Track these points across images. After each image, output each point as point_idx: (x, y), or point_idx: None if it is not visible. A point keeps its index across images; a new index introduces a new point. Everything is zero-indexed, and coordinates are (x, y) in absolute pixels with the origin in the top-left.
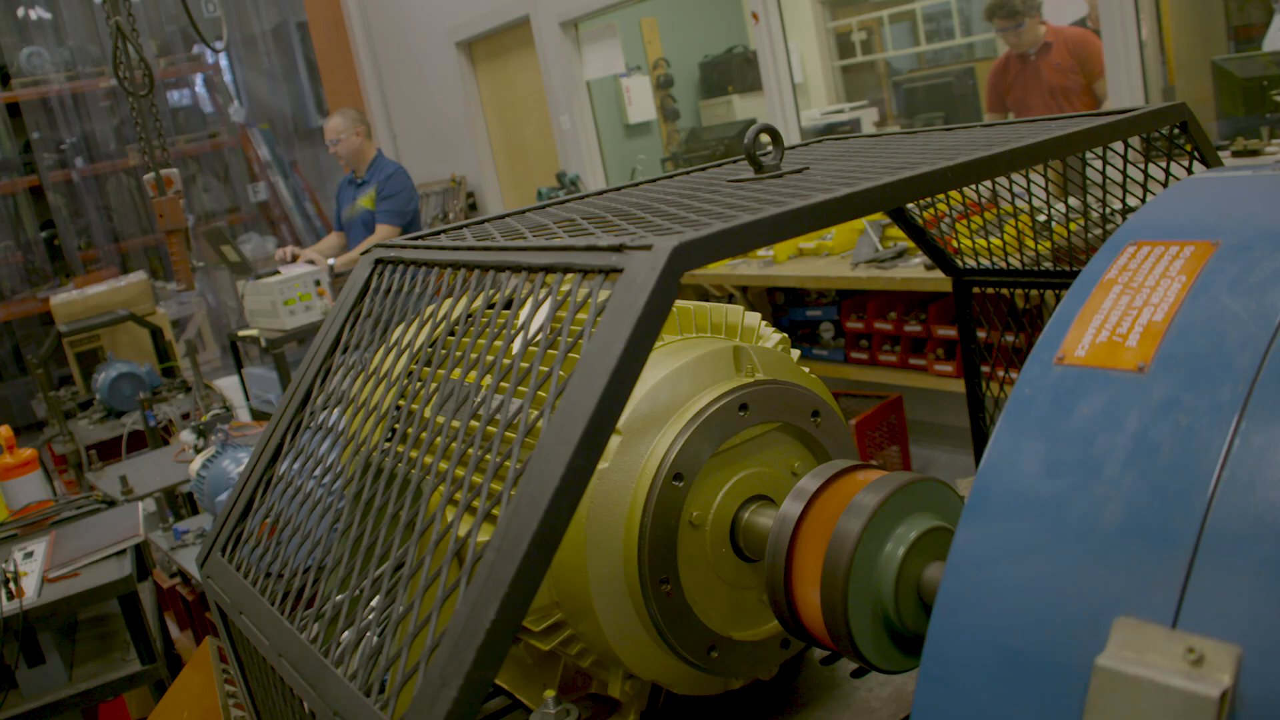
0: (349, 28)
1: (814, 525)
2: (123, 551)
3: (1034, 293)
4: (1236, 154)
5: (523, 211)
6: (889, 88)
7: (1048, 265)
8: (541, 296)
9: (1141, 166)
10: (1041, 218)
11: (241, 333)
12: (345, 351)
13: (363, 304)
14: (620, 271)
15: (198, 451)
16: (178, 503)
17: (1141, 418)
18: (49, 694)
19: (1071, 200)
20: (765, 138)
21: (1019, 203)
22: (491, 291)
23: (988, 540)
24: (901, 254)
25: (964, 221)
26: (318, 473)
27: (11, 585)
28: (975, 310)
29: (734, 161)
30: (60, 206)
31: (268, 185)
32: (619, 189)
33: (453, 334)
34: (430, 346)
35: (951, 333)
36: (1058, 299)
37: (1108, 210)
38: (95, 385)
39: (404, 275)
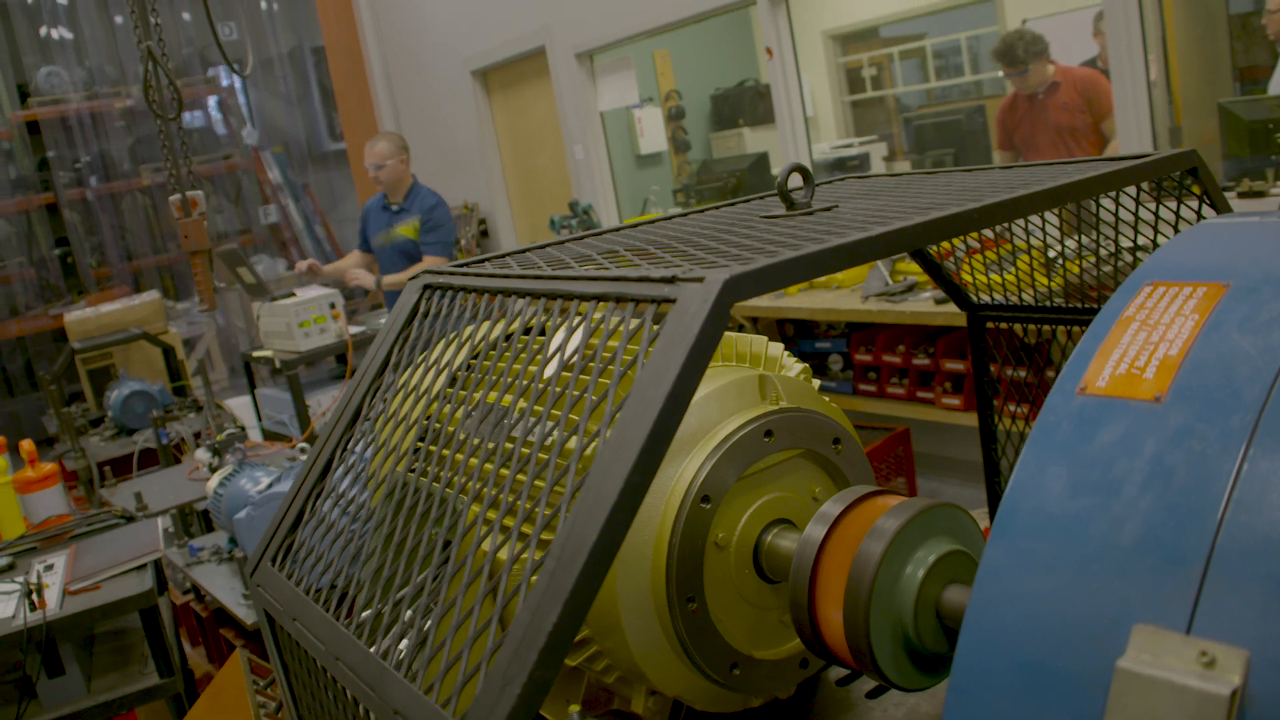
0: (365, 53)
1: (837, 548)
2: (143, 566)
3: (1044, 328)
4: (1242, 195)
5: (561, 242)
6: (898, 123)
7: (1057, 301)
8: (593, 324)
9: (1151, 207)
10: (1051, 254)
11: (255, 353)
12: (395, 371)
13: (411, 327)
14: (673, 302)
15: (212, 470)
16: (189, 520)
17: (1158, 444)
18: (68, 705)
19: (1077, 237)
20: (797, 176)
21: (1027, 239)
22: (542, 317)
23: (1015, 555)
24: (911, 288)
25: (973, 257)
26: (370, 488)
27: (34, 597)
28: (988, 344)
29: (761, 198)
30: (75, 224)
31: (279, 208)
32: (653, 222)
33: (499, 357)
34: (470, 366)
35: (959, 366)
36: (1069, 335)
37: (1117, 248)
38: (107, 402)
39: (453, 300)
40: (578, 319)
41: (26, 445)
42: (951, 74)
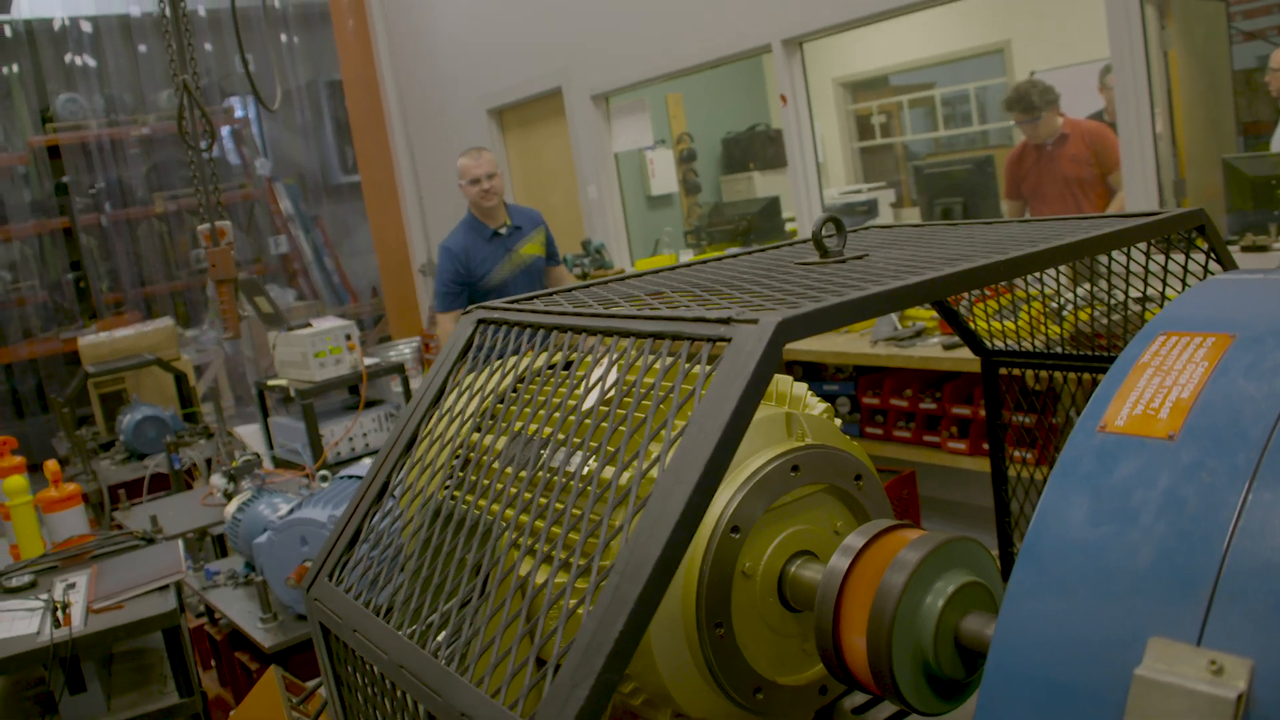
0: (382, 89)
1: (861, 578)
2: (165, 587)
3: (1049, 374)
4: (1245, 249)
5: (605, 282)
6: (906, 170)
7: (1059, 349)
8: (644, 361)
9: (1159, 259)
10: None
11: (270, 382)
12: (448, 396)
13: (465, 360)
14: (728, 341)
15: (227, 496)
16: (202, 545)
17: (1171, 477)
18: None
19: (1088, 287)
20: (831, 225)
21: (1034, 288)
22: (598, 352)
23: (1040, 577)
24: (920, 333)
25: (985, 303)
26: (418, 506)
27: (59, 614)
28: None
29: (790, 244)
30: (91, 249)
31: (289, 238)
32: (690, 265)
33: (540, 388)
34: (514, 393)
35: (965, 411)
36: (1079, 381)
37: (1127, 299)
38: (119, 426)
39: (507, 335)
40: (633, 354)
41: (52, 466)
42: (959, 123)
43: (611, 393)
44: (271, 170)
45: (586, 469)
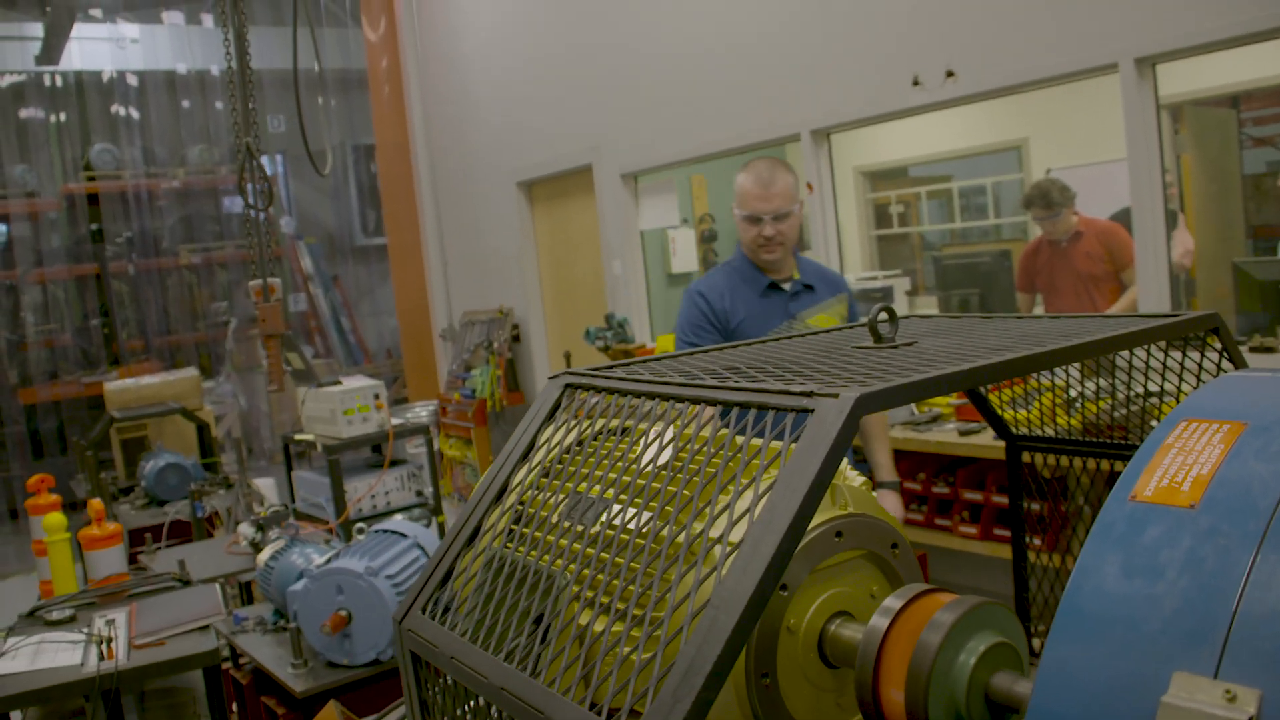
0: (414, 154)
1: (899, 637)
2: (206, 627)
3: (1067, 460)
4: (1254, 349)
5: (675, 356)
6: (921, 259)
7: (1069, 436)
8: (718, 427)
9: (1175, 356)
10: (1070, 395)
11: (297, 436)
12: (536, 452)
13: (553, 420)
14: (811, 412)
15: (254, 545)
16: (227, 591)
17: (1192, 539)
18: None
19: (1108, 380)
20: (885, 314)
21: (1048, 379)
22: (673, 420)
23: (1080, 621)
24: (936, 419)
25: (1000, 391)
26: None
27: (103, 648)
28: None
29: (838, 330)
30: (123, 295)
31: (308, 297)
32: (749, 344)
33: (631, 445)
34: (583, 450)
35: (977, 497)
36: (1098, 466)
37: (1146, 392)
38: (141, 472)
39: (595, 400)
40: (713, 420)
41: (96, 504)
42: (974, 215)
43: (700, 452)
44: (295, 229)
45: (676, 524)
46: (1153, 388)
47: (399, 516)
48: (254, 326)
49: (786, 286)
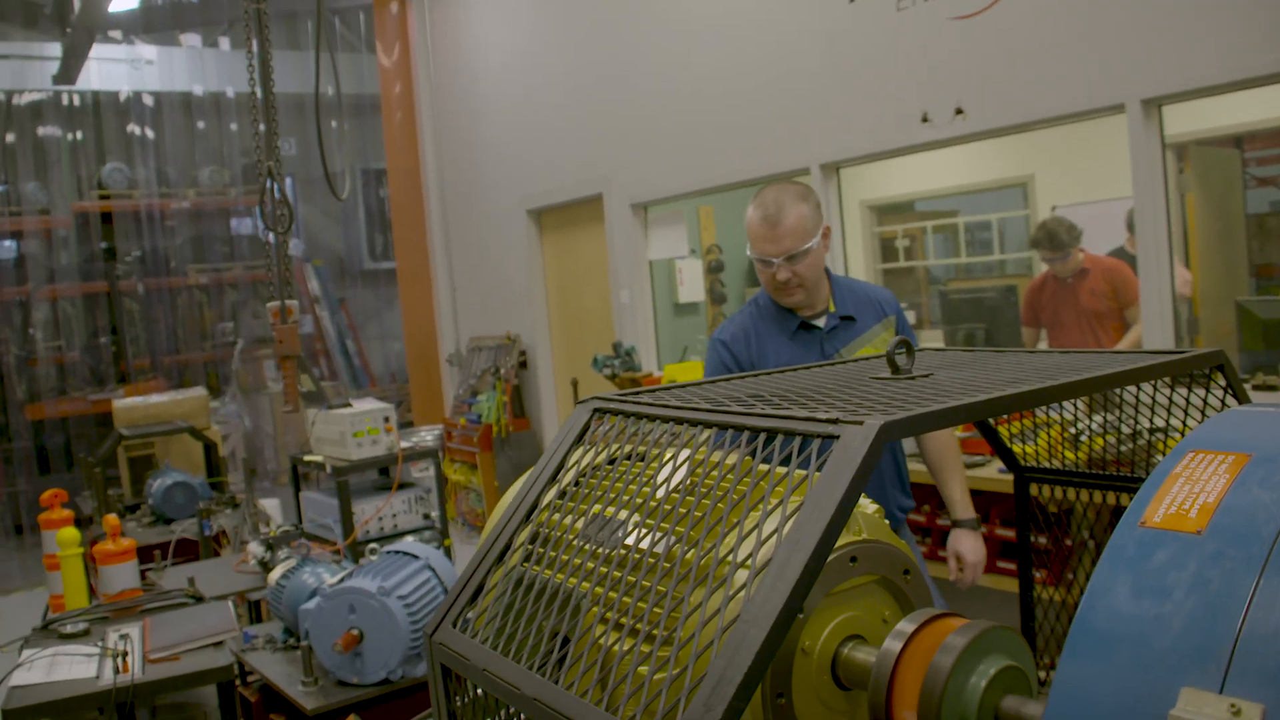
0: (424, 181)
1: (911, 659)
2: (220, 642)
3: (1064, 492)
4: (1256, 387)
5: (699, 384)
6: (926, 292)
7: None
8: (744, 453)
9: (1181, 392)
10: (1075, 430)
11: (306, 457)
12: (564, 472)
13: (580, 444)
14: (836, 438)
15: (263, 564)
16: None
17: (1199, 563)
18: None
19: (1114, 415)
20: (902, 347)
21: (1053, 414)
22: (702, 446)
23: (1092, 641)
24: None
25: (1005, 425)
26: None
27: (119, 661)
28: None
29: (855, 362)
30: (134, 313)
31: (314, 319)
32: (770, 374)
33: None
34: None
35: (981, 529)
36: (1103, 498)
37: (1152, 427)
38: (149, 490)
39: (623, 425)
40: (745, 447)
41: (112, 520)
42: (979, 250)
43: (727, 478)
44: (303, 252)
45: (704, 545)
46: (1156, 423)
47: (410, 538)
48: (260, 348)
49: (821, 323)
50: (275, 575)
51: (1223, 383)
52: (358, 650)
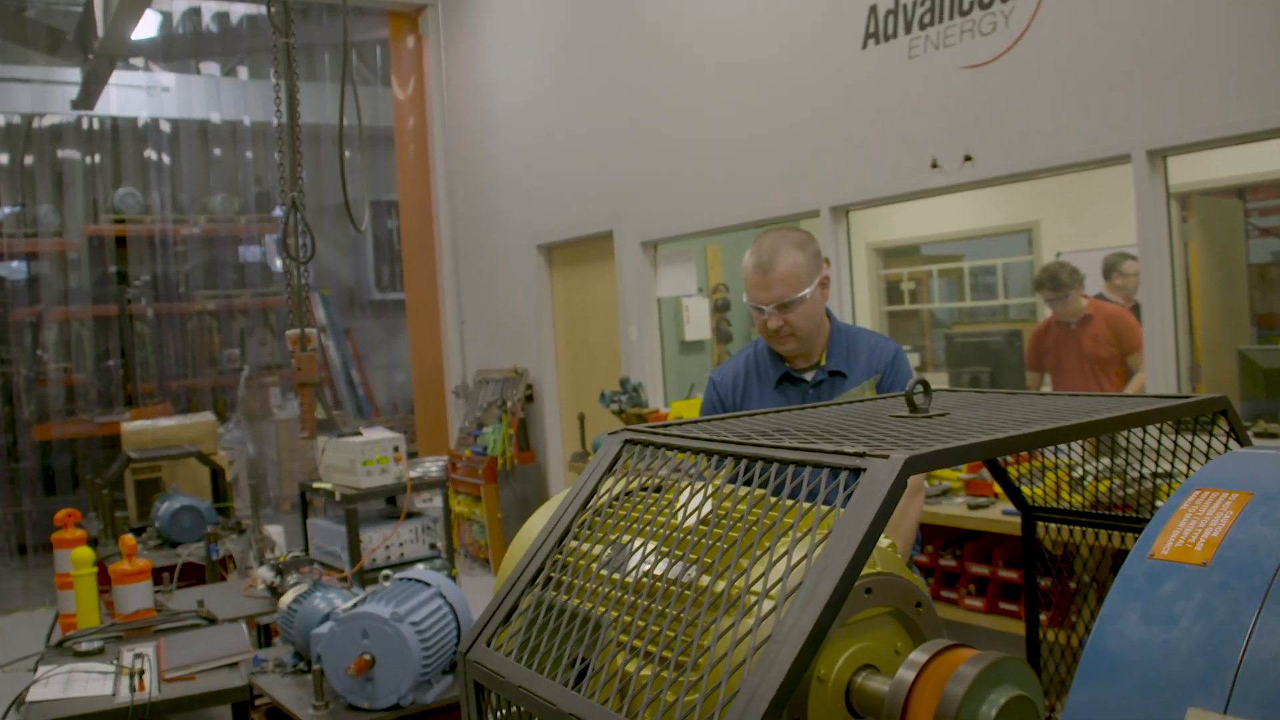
0: (435, 214)
1: (924, 688)
2: (235, 664)
3: (1070, 532)
4: (1258, 434)
5: (724, 418)
6: (930, 335)
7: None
8: (770, 487)
9: (1187, 437)
10: (1079, 473)
11: (315, 485)
12: (595, 498)
13: (612, 474)
14: (863, 470)
15: (272, 588)
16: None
17: (1204, 592)
18: None
19: (1104, 459)
20: (920, 387)
21: (1067, 455)
22: (730, 476)
23: (1104, 664)
24: (945, 492)
25: (1017, 465)
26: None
27: (136, 679)
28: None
29: (872, 399)
30: (145, 337)
31: (320, 348)
32: (791, 410)
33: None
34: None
35: (984, 571)
36: (1108, 539)
37: (1157, 470)
38: (155, 514)
39: (654, 455)
40: (774, 479)
41: (128, 540)
42: (983, 294)
43: (756, 509)
44: (312, 280)
45: (736, 568)
46: (1160, 468)
47: (420, 566)
48: (266, 374)
49: (808, 376)
50: (287, 599)
51: (1226, 428)
52: (369, 675)
